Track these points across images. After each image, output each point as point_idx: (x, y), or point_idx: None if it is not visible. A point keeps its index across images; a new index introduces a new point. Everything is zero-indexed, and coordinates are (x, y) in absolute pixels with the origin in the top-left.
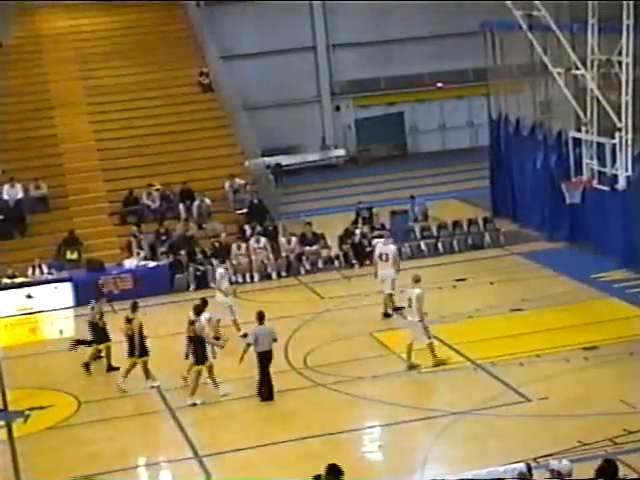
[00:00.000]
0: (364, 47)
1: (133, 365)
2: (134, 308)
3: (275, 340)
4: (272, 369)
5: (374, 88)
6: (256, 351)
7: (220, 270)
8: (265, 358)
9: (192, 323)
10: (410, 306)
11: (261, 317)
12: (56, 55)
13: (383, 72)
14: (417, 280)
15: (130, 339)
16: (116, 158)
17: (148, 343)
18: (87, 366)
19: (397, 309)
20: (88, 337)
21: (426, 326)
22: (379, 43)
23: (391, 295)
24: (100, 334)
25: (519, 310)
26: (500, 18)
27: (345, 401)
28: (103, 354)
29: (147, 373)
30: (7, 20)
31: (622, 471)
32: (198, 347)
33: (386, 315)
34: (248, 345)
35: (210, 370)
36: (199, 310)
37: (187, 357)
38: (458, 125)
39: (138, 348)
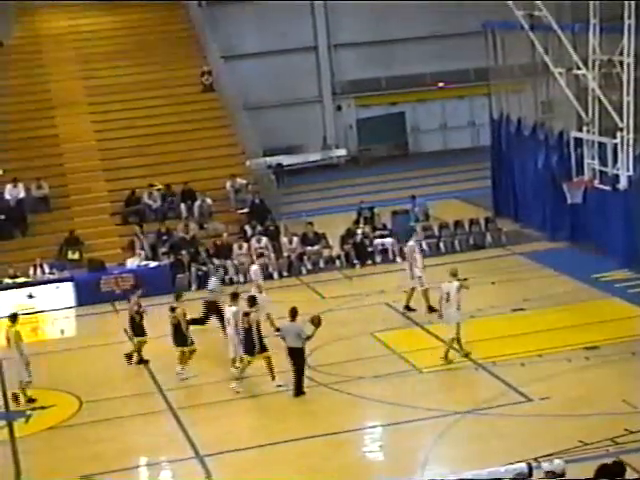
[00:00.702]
0: (365, 47)
1: (183, 353)
2: (178, 297)
3: (304, 338)
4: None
5: (375, 88)
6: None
7: (254, 267)
8: (292, 355)
9: (247, 314)
10: (448, 300)
11: (293, 314)
12: (57, 55)
13: (384, 72)
14: (454, 274)
15: (175, 328)
16: (117, 158)
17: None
18: (129, 357)
19: (408, 307)
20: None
21: (459, 320)
22: (380, 43)
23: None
24: (136, 328)
25: (521, 310)
26: (501, 18)
27: (346, 401)
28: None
29: (185, 361)
30: (8, 20)
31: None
32: (249, 338)
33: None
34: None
35: (269, 361)
36: (253, 302)
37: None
38: (459, 125)
39: (180, 337)
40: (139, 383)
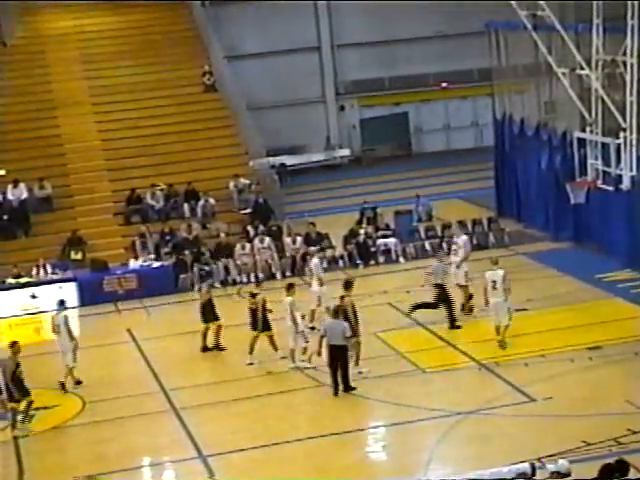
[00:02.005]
0: (369, 47)
1: (255, 339)
2: (258, 284)
3: (347, 336)
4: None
5: (379, 88)
6: (327, 344)
7: (315, 260)
8: (333, 353)
9: (342, 298)
10: (495, 288)
11: (336, 311)
12: (60, 55)
13: (388, 72)
14: (496, 262)
15: (253, 313)
16: (121, 158)
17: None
18: (205, 349)
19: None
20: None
21: (509, 307)
22: (384, 43)
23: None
24: (209, 313)
25: (524, 310)
26: (505, 18)
27: (349, 401)
28: (213, 331)
29: (274, 345)
30: (11, 20)
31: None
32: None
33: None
34: (321, 337)
35: (358, 345)
36: (348, 285)
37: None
38: (463, 125)
39: (260, 323)
40: (142, 383)
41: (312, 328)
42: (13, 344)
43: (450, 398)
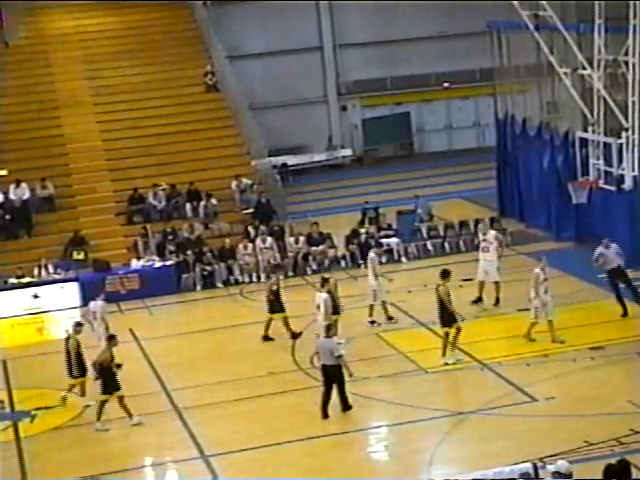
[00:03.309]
0: (371, 47)
1: (336, 322)
2: (445, 275)
3: (337, 355)
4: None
5: (381, 88)
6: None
7: (372, 255)
8: (327, 373)
9: (438, 287)
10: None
11: (328, 329)
12: (63, 55)
13: (390, 72)
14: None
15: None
16: (123, 158)
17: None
18: (267, 338)
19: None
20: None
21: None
22: (386, 43)
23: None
24: (275, 304)
25: (526, 310)
26: (507, 18)
27: (352, 401)
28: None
29: (334, 330)
30: (14, 20)
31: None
32: (445, 310)
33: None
34: (316, 353)
35: (457, 333)
36: (446, 274)
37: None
38: (465, 125)
39: (331, 307)
40: (144, 383)
41: (372, 322)
42: (111, 337)
43: (452, 398)
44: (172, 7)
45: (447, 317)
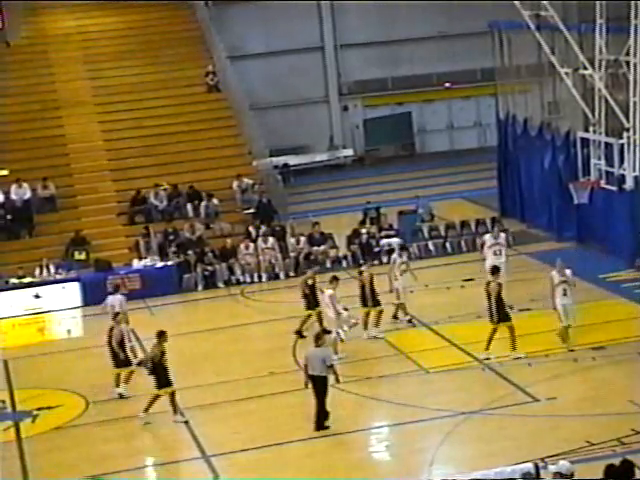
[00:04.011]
0: (372, 47)
1: (367, 315)
2: (363, 265)
3: (328, 365)
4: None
5: (382, 88)
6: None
7: (394, 255)
8: (315, 383)
9: (489, 283)
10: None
11: (318, 338)
12: (64, 55)
13: (391, 72)
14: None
15: (362, 290)
16: (124, 158)
17: None
18: (300, 333)
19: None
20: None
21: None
22: (387, 43)
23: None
24: (310, 301)
25: (527, 310)
26: (508, 18)
27: (353, 401)
28: (314, 319)
29: (378, 320)
30: (15, 20)
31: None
32: (498, 306)
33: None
34: (305, 366)
35: (512, 330)
36: (496, 270)
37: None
38: (466, 125)
39: (370, 299)
40: (145, 383)
41: (410, 321)
42: (161, 333)
43: (453, 398)
44: (173, 7)
45: (496, 313)
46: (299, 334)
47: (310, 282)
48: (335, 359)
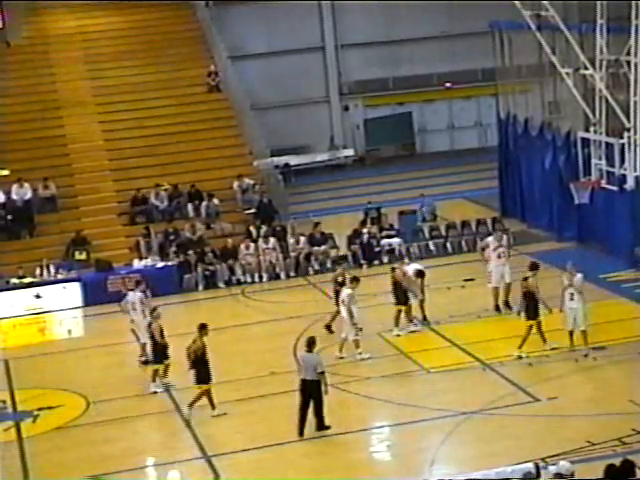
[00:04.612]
0: (373, 47)
1: (399, 312)
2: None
3: (319, 372)
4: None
5: (383, 88)
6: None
7: (407, 260)
8: (308, 388)
9: (525, 279)
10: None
11: (310, 344)
12: (65, 55)
13: (392, 72)
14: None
15: (395, 287)
16: (125, 158)
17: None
18: (329, 328)
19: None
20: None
21: (585, 313)
22: (388, 43)
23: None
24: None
25: None
26: (509, 18)
27: (353, 401)
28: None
29: (398, 320)
30: (16, 20)
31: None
32: (530, 303)
33: (506, 305)
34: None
35: (539, 325)
36: (535, 267)
37: (519, 313)
38: (467, 125)
39: (402, 296)
40: (146, 383)
41: (424, 319)
42: (202, 326)
43: (454, 398)
44: (174, 7)
45: (533, 310)
46: (328, 328)
47: (340, 279)
48: (343, 355)
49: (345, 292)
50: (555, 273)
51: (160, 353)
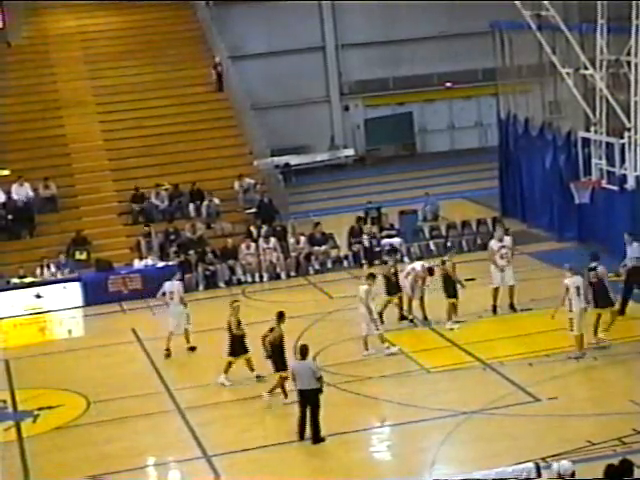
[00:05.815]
0: (373, 47)
1: (453, 306)
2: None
3: (318, 377)
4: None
5: (383, 88)
6: (296, 388)
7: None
8: (307, 398)
9: (594, 269)
10: (579, 294)
11: (303, 352)
12: (65, 55)
13: (392, 72)
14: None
15: (445, 279)
16: (125, 158)
17: None
18: (380, 315)
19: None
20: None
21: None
22: (388, 43)
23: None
24: (393, 287)
25: (528, 310)
26: (509, 18)
27: (354, 401)
28: (396, 303)
29: (451, 314)
30: (16, 20)
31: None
32: (600, 292)
33: (510, 307)
34: (293, 380)
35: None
36: (597, 258)
37: (588, 303)
38: (467, 125)
39: (451, 289)
40: (146, 383)
41: (411, 320)
42: (281, 314)
43: (454, 398)
44: (174, 7)
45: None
46: (405, 318)
47: (392, 271)
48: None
49: (362, 288)
50: (555, 273)
51: (237, 346)
